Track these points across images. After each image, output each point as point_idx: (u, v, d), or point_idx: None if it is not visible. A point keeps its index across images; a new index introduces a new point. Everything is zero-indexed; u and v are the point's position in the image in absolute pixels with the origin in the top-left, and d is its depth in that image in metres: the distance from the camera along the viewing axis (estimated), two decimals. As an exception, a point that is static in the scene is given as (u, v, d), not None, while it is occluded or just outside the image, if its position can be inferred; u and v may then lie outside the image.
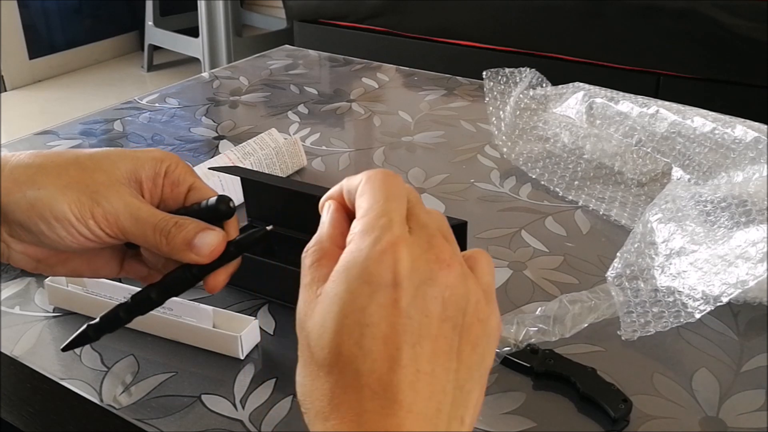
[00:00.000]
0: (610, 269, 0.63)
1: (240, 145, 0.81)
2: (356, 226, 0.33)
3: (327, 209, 0.37)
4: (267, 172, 0.79)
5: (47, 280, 0.60)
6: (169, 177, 0.44)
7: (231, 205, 0.44)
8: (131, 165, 0.43)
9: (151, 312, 0.55)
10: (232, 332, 0.54)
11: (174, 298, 0.56)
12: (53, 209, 0.40)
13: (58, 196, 0.40)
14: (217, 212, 0.44)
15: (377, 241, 0.32)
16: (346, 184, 0.36)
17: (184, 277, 0.43)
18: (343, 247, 0.33)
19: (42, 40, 3.26)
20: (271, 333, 0.58)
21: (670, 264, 0.60)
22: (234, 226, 0.45)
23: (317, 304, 0.32)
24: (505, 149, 0.86)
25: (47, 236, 0.41)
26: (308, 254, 0.35)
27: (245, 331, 0.54)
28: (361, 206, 0.34)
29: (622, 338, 0.56)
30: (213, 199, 0.44)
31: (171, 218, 0.43)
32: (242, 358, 0.55)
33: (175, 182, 0.45)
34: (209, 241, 0.42)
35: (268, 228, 0.44)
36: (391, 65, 1.22)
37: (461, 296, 0.32)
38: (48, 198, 0.40)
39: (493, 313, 0.34)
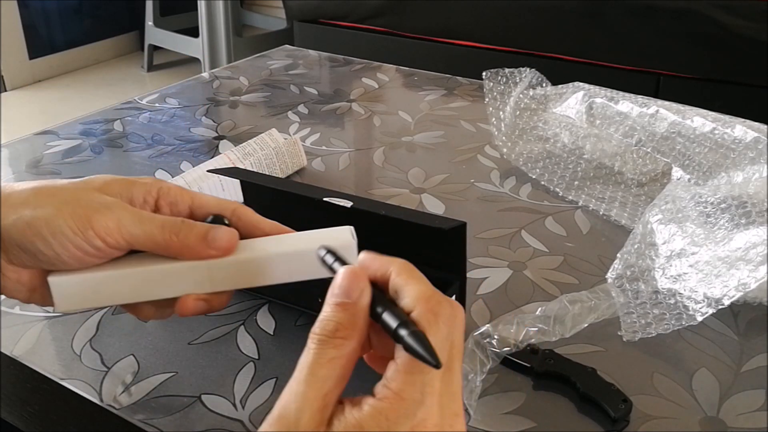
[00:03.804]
0: (610, 270, 0.63)
1: (240, 145, 0.81)
2: (390, 392, 0.33)
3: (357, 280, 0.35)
4: (267, 172, 0.79)
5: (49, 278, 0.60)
6: (164, 198, 0.45)
7: (226, 223, 0.45)
8: (122, 186, 0.45)
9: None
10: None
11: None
12: (50, 225, 0.41)
13: (54, 212, 0.41)
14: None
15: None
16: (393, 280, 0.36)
17: None
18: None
19: (42, 40, 3.26)
20: (271, 333, 0.58)
21: (671, 265, 0.60)
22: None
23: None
24: (505, 149, 0.86)
25: (45, 254, 0.41)
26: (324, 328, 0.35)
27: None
28: (401, 360, 0.33)
29: (624, 339, 0.56)
30: (210, 219, 0.45)
31: (177, 218, 0.43)
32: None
33: (173, 203, 0.46)
34: (223, 234, 0.43)
35: None
36: (391, 65, 1.22)
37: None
38: (44, 215, 0.41)
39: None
